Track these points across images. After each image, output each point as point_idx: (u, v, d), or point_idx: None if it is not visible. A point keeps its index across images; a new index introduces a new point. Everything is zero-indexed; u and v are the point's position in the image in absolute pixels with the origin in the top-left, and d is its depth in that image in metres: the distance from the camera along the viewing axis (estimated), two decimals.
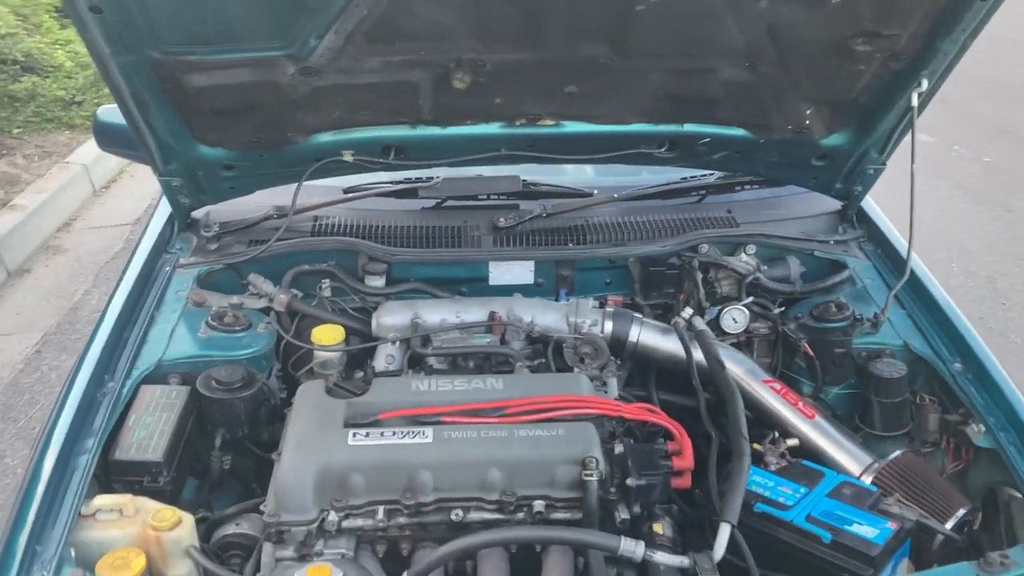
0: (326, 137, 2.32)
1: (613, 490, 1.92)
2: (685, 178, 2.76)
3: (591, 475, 1.85)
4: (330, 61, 2.03)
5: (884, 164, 2.50)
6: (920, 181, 2.31)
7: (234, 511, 1.99)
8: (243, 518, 1.97)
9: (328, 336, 2.30)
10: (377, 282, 2.48)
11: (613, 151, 2.43)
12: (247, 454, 2.19)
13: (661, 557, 1.75)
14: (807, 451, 2.14)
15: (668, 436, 2.04)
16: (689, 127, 2.37)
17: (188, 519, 1.78)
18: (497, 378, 2.10)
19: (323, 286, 2.49)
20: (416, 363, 2.31)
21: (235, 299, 2.38)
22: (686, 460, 1.95)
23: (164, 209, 2.65)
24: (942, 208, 6.35)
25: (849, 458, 2.11)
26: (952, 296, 2.38)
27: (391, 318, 2.36)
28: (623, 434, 2.02)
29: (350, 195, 2.63)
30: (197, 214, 2.59)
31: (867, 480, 2.04)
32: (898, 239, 2.60)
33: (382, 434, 1.92)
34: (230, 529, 1.94)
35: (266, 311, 2.40)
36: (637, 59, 2.11)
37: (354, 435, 1.92)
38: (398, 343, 2.34)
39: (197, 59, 1.99)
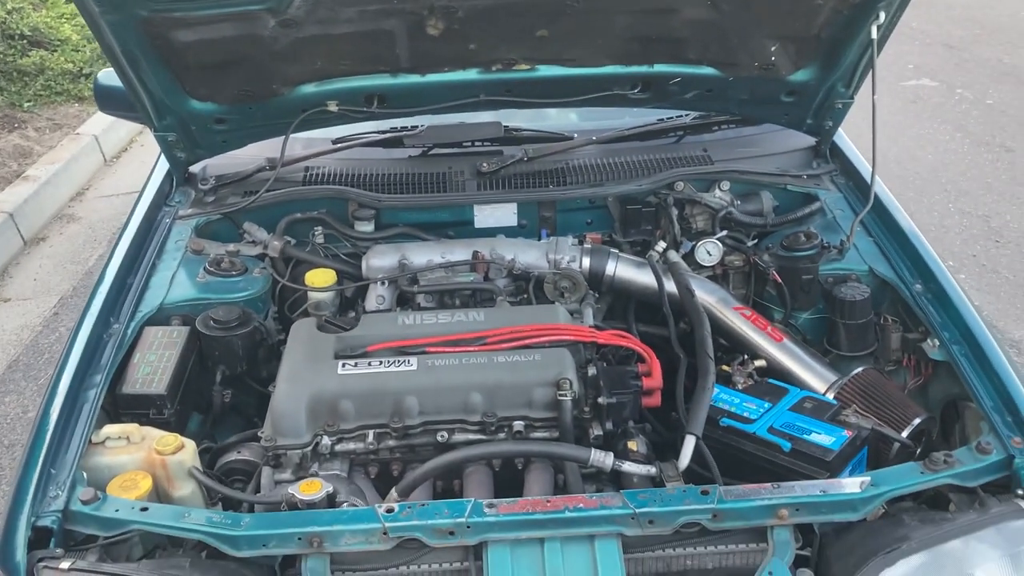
0: (310, 88, 2.43)
1: (587, 409, 2.04)
2: (662, 119, 2.85)
3: (565, 395, 1.97)
4: (308, 13, 2.13)
5: (852, 98, 2.58)
6: (922, 124, 2.40)
7: (236, 440, 2.14)
8: (244, 446, 2.11)
9: (321, 279, 2.43)
10: (366, 227, 2.60)
11: (587, 93, 2.53)
12: (247, 390, 2.33)
13: (629, 467, 1.88)
14: (776, 372, 2.25)
15: (640, 360, 2.17)
16: (659, 67, 2.46)
17: (190, 444, 1.92)
18: (478, 311, 2.22)
19: (316, 233, 2.61)
20: (405, 302, 2.44)
21: (232, 247, 2.50)
22: (655, 380, 2.08)
23: (163, 166, 2.78)
24: (942, 150, 6.38)
25: (815, 377, 2.22)
26: (946, 236, 2.47)
27: (380, 260, 2.48)
28: (598, 359, 2.14)
29: (338, 145, 2.74)
30: (194, 169, 2.72)
31: (831, 396, 2.16)
32: (867, 171, 2.68)
33: (369, 364, 2.06)
34: (232, 456, 2.08)
35: (261, 257, 2.52)
36: (602, 1, 2.20)
37: (343, 365, 2.05)
38: (388, 284, 2.46)
39: (182, 15, 2.10)
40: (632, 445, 2.03)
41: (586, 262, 2.45)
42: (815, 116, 2.66)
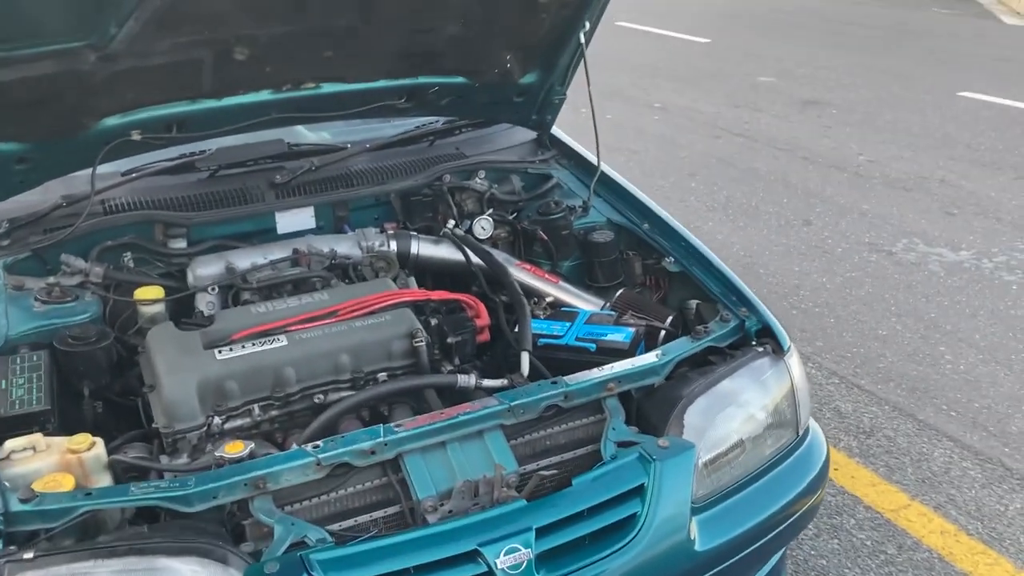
0: (114, 120, 2.58)
1: (437, 352, 2.48)
2: (418, 126, 3.35)
3: (420, 342, 2.39)
4: (128, 46, 2.32)
5: (565, 94, 3.27)
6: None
7: (117, 443, 2.26)
8: (128, 447, 2.25)
9: (150, 295, 2.59)
10: (180, 244, 2.79)
11: (364, 105, 2.95)
12: (106, 404, 2.43)
13: (489, 383, 2.35)
14: (558, 304, 2.84)
15: (463, 309, 2.64)
16: (422, 79, 2.96)
17: (99, 441, 2.06)
18: (323, 292, 2.56)
19: (125, 259, 2.74)
20: (238, 302, 2.68)
21: (51, 279, 2.57)
22: (483, 319, 2.57)
23: None
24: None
25: (589, 304, 2.85)
26: None
27: (205, 269, 2.70)
28: (432, 312, 2.58)
29: (134, 175, 2.89)
30: None
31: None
32: (583, 151, 3.40)
33: (243, 347, 2.32)
34: (121, 457, 2.22)
35: (82, 286, 2.61)
36: (379, 25, 2.65)
37: (219, 352, 2.29)
38: (216, 290, 2.69)
39: (3, 55, 2.20)
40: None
41: (393, 245, 2.87)
42: (538, 112, 3.32)
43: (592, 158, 3.24)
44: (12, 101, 2.35)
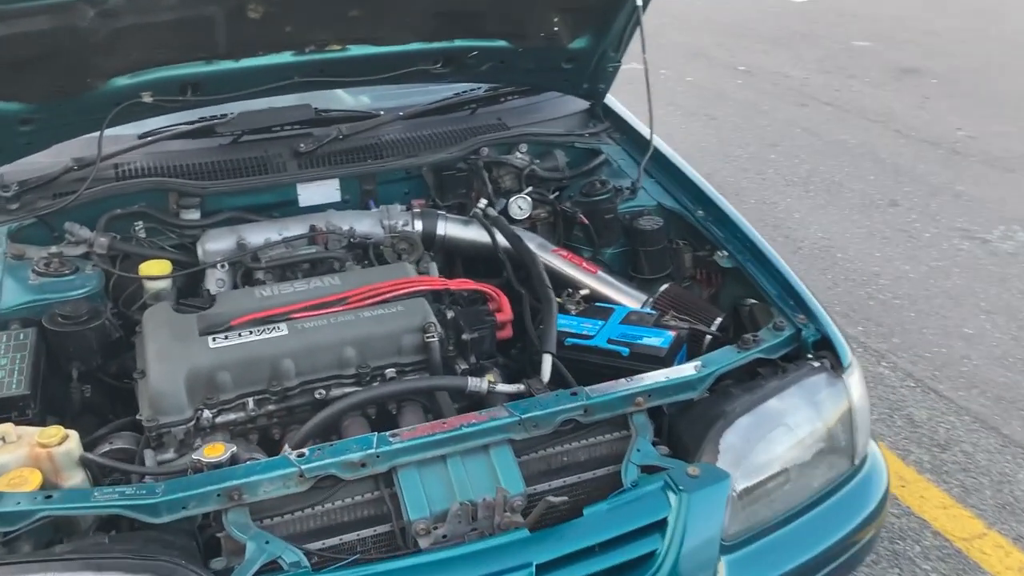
0: (124, 80, 2.42)
1: (451, 348, 2.25)
2: (458, 94, 3.10)
3: (432, 337, 2.17)
4: (128, 2, 2.15)
5: (619, 61, 2.98)
6: (640, 103, 2.83)
7: (104, 432, 2.12)
8: (114, 437, 2.09)
9: (157, 269, 2.43)
10: (192, 215, 2.63)
11: (395, 70, 2.71)
12: (99, 386, 2.30)
13: (503, 387, 2.12)
14: (596, 297, 2.58)
15: (486, 301, 2.41)
16: (459, 42, 2.70)
17: (74, 433, 1.90)
18: (333, 276, 2.36)
19: (137, 228, 2.59)
20: (248, 281, 2.50)
21: (54, 248, 2.43)
22: (506, 314, 2.33)
23: None
24: (660, 123, 7.20)
25: (629, 298, 2.58)
26: None
27: (216, 243, 2.53)
28: (451, 304, 2.36)
29: (149, 139, 2.73)
30: None
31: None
32: (639, 125, 3.10)
33: (240, 335, 2.13)
34: (104, 448, 2.06)
35: (87, 256, 2.47)
36: None
37: (214, 339, 2.11)
38: (226, 267, 2.51)
39: None
40: (490, 377, 2.26)
41: (418, 224, 2.65)
42: (590, 80, 3.03)
43: (648, 132, 2.94)
44: (9, 59, 2.20)
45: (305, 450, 1.84)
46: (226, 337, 2.12)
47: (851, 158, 6.48)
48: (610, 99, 3.21)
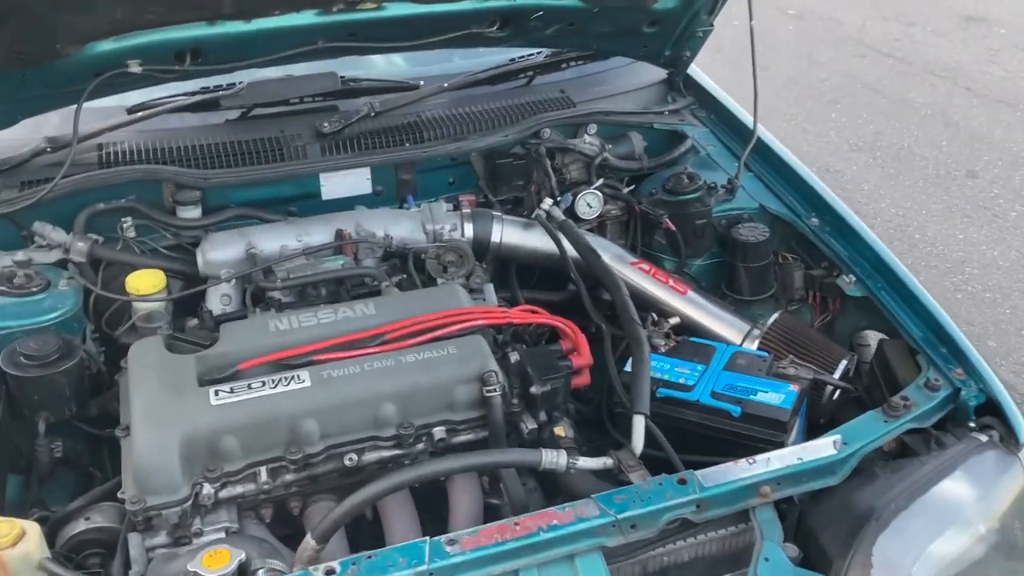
0: (106, 45, 1.91)
1: (515, 401, 1.79)
2: (513, 59, 2.57)
3: (494, 390, 1.70)
4: None
5: (712, 26, 2.44)
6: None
7: (80, 504, 1.68)
8: (92, 510, 1.66)
9: (147, 282, 1.96)
10: (192, 213, 2.14)
11: (441, 34, 2.19)
12: (76, 435, 1.85)
13: (585, 463, 1.65)
14: (686, 327, 2.11)
15: (555, 335, 1.93)
16: (522, 0, 2.17)
17: (33, 529, 1.46)
18: (367, 303, 1.87)
19: (125, 226, 2.11)
20: (259, 300, 2.03)
21: (19, 255, 1.95)
22: (584, 357, 1.85)
23: None
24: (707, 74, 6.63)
25: (727, 327, 2.10)
26: None
27: (220, 252, 2.05)
28: (512, 340, 1.88)
29: (139, 114, 2.22)
30: None
31: (751, 346, 2.05)
32: (730, 102, 2.58)
33: (250, 386, 1.66)
34: (80, 526, 1.63)
35: (63, 264, 2.01)
36: None
37: (216, 393, 1.65)
38: (234, 281, 2.04)
39: None
40: (559, 431, 1.82)
41: (469, 229, 2.16)
42: (674, 47, 2.50)
43: (745, 116, 2.42)
44: None
45: (336, 565, 1.39)
46: (231, 390, 1.65)
47: (919, 120, 5.90)
48: (692, 68, 2.68)
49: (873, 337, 2.12)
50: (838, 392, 1.92)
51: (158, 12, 1.88)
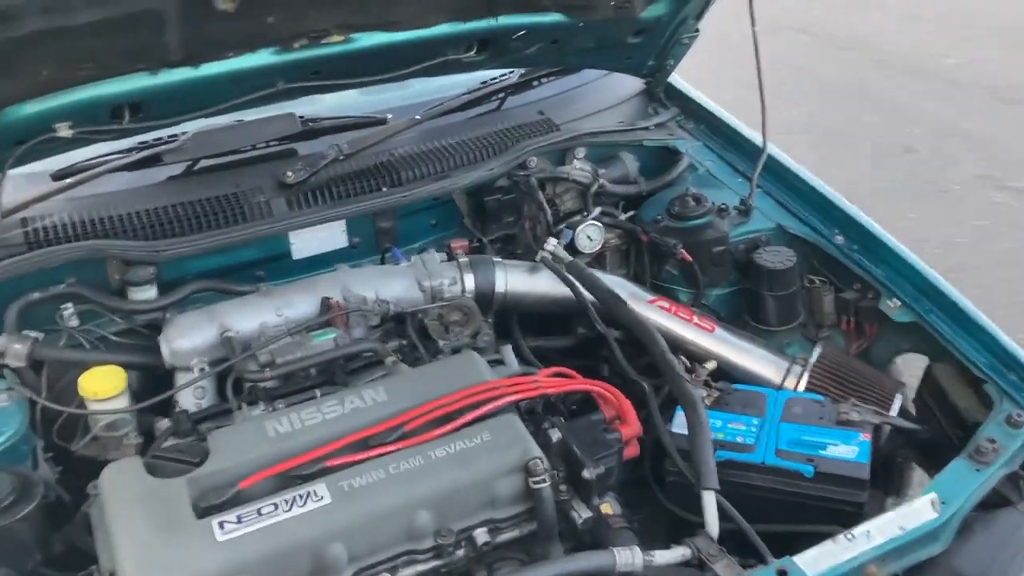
0: (28, 108, 1.59)
1: (563, 488, 1.56)
2: (485, 82, 2.32)
3: (542, 480, 1.47)
4: (27, 1, 1.33)
5: (697, 31, 2.25)
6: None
7: None
8: None
9: (105, 384, 1.66)
10: (147, 294, 1.82)
11: (415, 64, 1.94)
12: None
13: (662, 556, 1.44)
14: (721, 370, 1.91)
15: (588, 400, 1.70)
16: (503, 19, 1.93)
17: None
18: (375, 387, 1.61)
19: (66, 314, 1.79)
20: (240, 390, 1.74)
21: None
22: (632, 426, 1.63)
23: None
24: None
25: (765, 365, 1.92)
26: None
27: (188, 339, 1.74)
28: (549, 413, 1.65)
29: (68, 180, 1.89)
30: None
31: (792, 384, 1.87)
32: (717, 109, 2.40)
33: (260, 512, 1.39)
34: None
35: None
36: None
37: (221, 525, 1.37)
38: (205, 366, 1.74)
39: None
40: (606, 508, 1.59)
41: (470, 281, 1.91)
42: (659, 56, 2.29)
43: (736, 123, 2.24)
44: None
45: None
46: (239, 520, 1.37)
47: (847, 97, 5.88)
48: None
49: (905, 360, 1.98)
50: (893, 431, 1.75)
51: (92, 69, 1.57)
